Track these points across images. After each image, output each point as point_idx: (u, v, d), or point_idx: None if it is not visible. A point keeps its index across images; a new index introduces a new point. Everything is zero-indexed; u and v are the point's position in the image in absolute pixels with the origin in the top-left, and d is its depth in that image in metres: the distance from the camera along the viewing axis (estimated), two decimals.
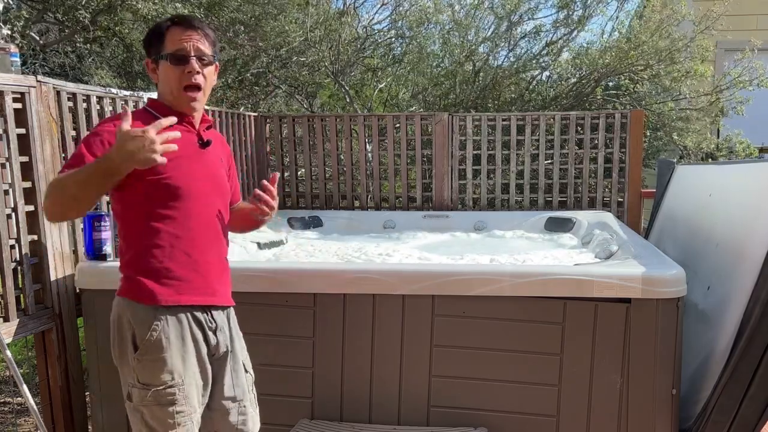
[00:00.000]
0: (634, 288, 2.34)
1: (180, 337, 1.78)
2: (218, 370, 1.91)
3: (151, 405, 1.76)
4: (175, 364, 1.76)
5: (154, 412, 1.76)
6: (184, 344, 1.79)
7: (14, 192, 2.46)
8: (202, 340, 1.84)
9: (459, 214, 4.64)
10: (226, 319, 1.95)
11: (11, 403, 3.70)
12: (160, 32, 1.82)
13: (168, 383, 1.75)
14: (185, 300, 1.80)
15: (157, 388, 1.75)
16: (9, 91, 2.42)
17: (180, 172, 1.79)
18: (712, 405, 2.38)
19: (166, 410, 1.75)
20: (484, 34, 6.61)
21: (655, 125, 6.27)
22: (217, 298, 1.89)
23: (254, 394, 2.04)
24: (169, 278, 1.78)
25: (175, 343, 1.77)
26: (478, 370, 2.52)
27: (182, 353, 1.78)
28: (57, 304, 2.66)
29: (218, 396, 1.91)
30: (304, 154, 5.01)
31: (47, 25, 6.94)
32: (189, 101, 1.83)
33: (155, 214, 1.78)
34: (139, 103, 3.22)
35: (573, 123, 4.68)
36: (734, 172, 3.25)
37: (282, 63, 6.66)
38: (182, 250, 1.80)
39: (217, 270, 1.91)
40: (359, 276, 2.56)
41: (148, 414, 1.77)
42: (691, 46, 6.01)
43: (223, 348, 1.91)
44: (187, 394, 1.78)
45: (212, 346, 1.87)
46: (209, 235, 1.89)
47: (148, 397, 1.75)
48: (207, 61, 1.83)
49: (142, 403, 1.77)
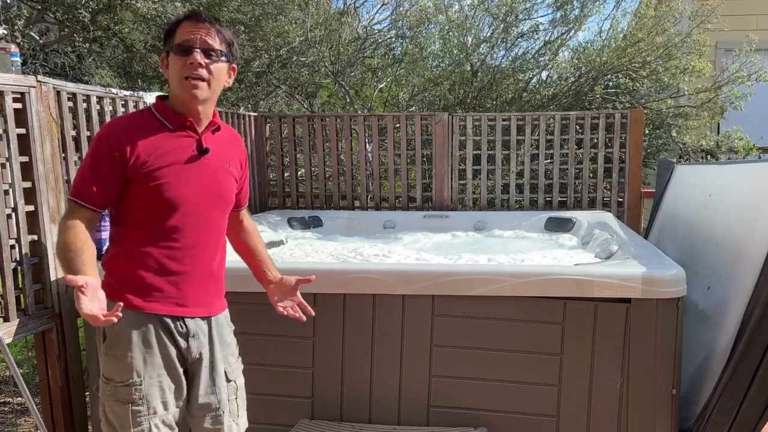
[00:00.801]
0: (634, 288, 2.34)
1: (143, 339, 1.77)
2: (193, 376, 1.89)
3: (110, 400, 1.78)
4: (136, 364, 1.76)
5: (113, 407, 1.78)
6: (148, 346, 1.78)
7: (14, 192, 2.46)
8: (170, 343, 1.81)
9: (459, 214, 4.64)
10: (207, 326, 1.90)
11: (11, 403, 3.70)
12: (173, 27, 1.82)
13: (126, 381, 1.76)
14: (149, 308, 1.78)
15: (116, 384, 1.76)
16: (9, 91, 2.42)
17: (170, 181, 1.77)
18: (712, 405, 2.38)
19: (123, 407, 1.76)
20: (482, 34, 6.61)
21: (654, 123, 6.27)
22: (191, 309, 1.85)
23: (239, 405, 1.99)
24: (140, 285, 1.78)
25: (138, 344, 1.77)
26: (478, 370, 2.52)
27: (144, 354, 1.77)
28: (57, 304, 2.65)
29: (194, 402, 1.89)
30: (304, 154, 5.01)
31: (47, 24, 6.94)
32: (190, 88, 1.77)
33: (141, 222, 1.79)
34: (139, 103, 3.22)
35: (573, 123, 4.68)
36: (734, 172, 3.26)
37: (282, 63, 6.66)
38: (159, 261, 1.79)
39: (200, 281, 1.87)
40: (359, 276, 2.56)
41: (108, 408, 1.79)
42: (687, 42, 6.01)
43: (195, 354, 1.86)
44: (145, 395, 1.77)
45: (183, 350, 1.84)
46: (197, 246, 1.85)
47: (108, 391, 1.78)
48: (215, 56, 1.79)
49: (104, 396, 1.80)
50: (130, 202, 1.79)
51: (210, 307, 1.92)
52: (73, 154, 2.79)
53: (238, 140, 2.08)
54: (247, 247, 2.17)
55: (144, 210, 1.78)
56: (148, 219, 1.79)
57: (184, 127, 1.83)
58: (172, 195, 1.77)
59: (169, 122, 1.82)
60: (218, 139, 1.91)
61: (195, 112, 1.83)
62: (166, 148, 1.79)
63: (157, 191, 1.76)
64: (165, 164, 1.77)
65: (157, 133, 1.80)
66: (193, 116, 1.84)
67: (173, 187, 1.78)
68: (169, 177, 1.77)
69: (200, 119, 1.85)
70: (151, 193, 1.76)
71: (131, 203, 1.79)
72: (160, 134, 1.80)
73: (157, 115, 1.83)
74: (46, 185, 2.59)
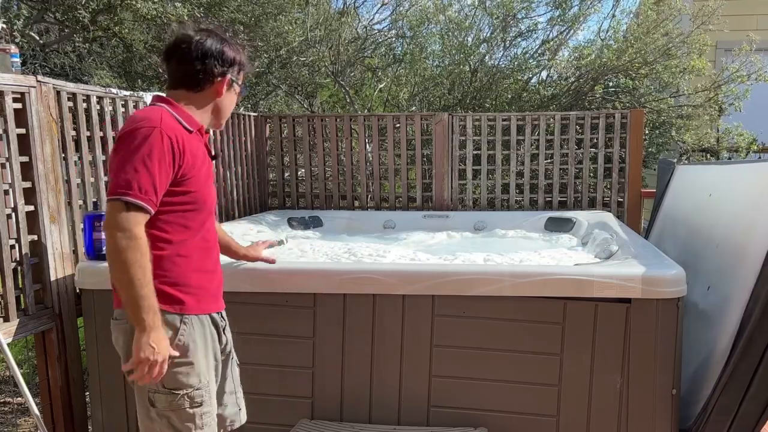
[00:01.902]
0: (634, 288, 2.34)
1: (203, 341, 1.83)
2: (225, 366, 1.99)
3: (179, 409, 1.76)
4: (201, 367, 1.80)
5: (182, 415, 1.77)
6: (206, 347, 1.84)
7: (14, 192, 2.46)
8: (218, 341, 1.91)
9: (459, 214, 4.64)
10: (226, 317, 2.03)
11: (11, 403, 3.70)
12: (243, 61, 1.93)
13: (196, 386, 1.79)
14: (205, 308, 1.86)
15: (187, 391, 1.77)
16: (9, 91, 2.42)
17: (200, 184, 1.83)
18: (712, 405, 2.38)
19: (194, 412, 1.78)
20: (482, 34, 6.61)
21: (655, 123, 6.27)
22: (221, 303, 1.98)
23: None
24: (192, 287, 1.82)
25: (201, 346, 1.81)
26: (478, 370, 2.52)
27: (205, 354, 1.83)
28: (57, 304, 2.66)
29: (226, 390, 2.00)
30: (304, 154, 5.01)
31: (47, 24, 6.93)
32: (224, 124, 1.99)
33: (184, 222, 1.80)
34: (139, 104, 3.21)
35: (573, 123, 4.68)
36: (734, 172, 3.26)
37: (282, 63, 6.66)
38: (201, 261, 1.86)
39: (219, 276, 2.00)
40: (359, 276, 2.56)
41: (176, 417, 1.77)
42: (687, 42, 6.02)
43: (229, 346, 2.01)
44: (211, 394, 1.84)
45: (223, 344, 1.95)
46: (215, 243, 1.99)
47: (175, 402, 1.76)
48: None
49: (170, 408, 1.76)
50: (176, 205, 1.77)
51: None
52: (73, 154, 2.79)
53: None
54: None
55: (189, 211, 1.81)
56: (192, 221, 1.83)
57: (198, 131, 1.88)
58: (204, 196, 1.86)
59: (190, 125, 1.84)
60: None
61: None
62: (198, 151, 1.84)
63: (198, 193, 1.82)
64: (199, 166, 1.83)
65: (188, 135, 1.81)
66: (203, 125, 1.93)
67: (205, 188, 1.86)
68: (202, 179, 1.84)
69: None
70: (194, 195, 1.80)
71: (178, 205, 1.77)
72: (190, 137, 1.82)
73: (179, 118, 1.81)
74: (46, 185, 2.59)
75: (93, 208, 2.81)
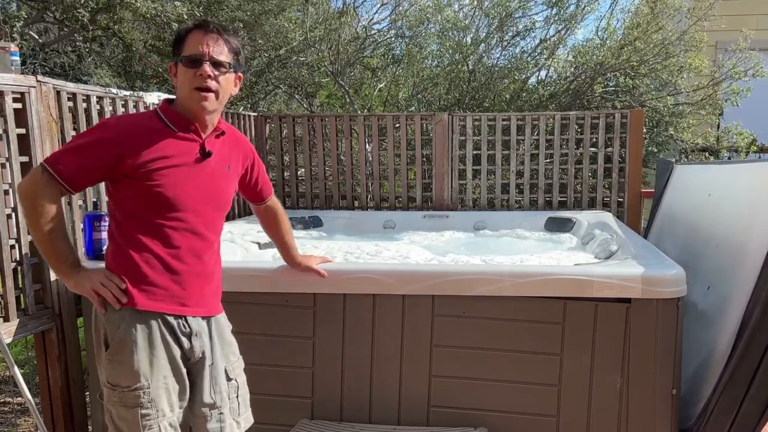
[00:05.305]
0: (634, 288, 2.34)
1: (148, 341, 1.78)
2: (196, 376, 1.90)
3: (117, 405, 1.77)
4: (142, 368, 1.76)
5: (120, 413, 1.78)
6: (152, 348, 1.78)
7: (14, 192, 2.46)
8: (174, 343, 1.82)
9: (459, 214, 4.64)
10: (207, 326, 1.92)
11: (11, 403, 3.70)
12: (182, 36, 1.84)
13: (133, 386, 1.75)
14: (157, 307, 1.80)
15: (123, 390, 1.76)
16: (9, 91, 2.42)
17: (171, 181, 1.79)
18: (712, 405, 2.38)
19: (131, 412, 1.76)
20: (481, 34, 6.61)
21: (653, 121, 6.28)
22: (193, 309, 1.87)
23: (240, 402, 2.01)
24: (145, 284, 1.79)
25: (143, 346, 1.77)
26: (478, 370, 2.52)
27: (150, 357, 1.77)
28: (57, 304, 2.65)
29: (198, 402, 1.90)
30: (304, 153, 5.01)
31: (46, 24, 6.93)
32: (200, 100, 1.81)
33: (142, 220, 1.80)
34: (138, 103, 3.22)
35: (572, 122, 4.68)
36: (733, 172, 3.25)
37: (281, 62, 6.66)
38: (162, 259, 1.81)
39: (200, 281, 1.89)
40: (359, 276, 2.56)
41: (116, 414, 1.79)
42: (684, 39, 6.02)
43: (198, 354, 1.88)
44: (153, 398, 1.77)
45: (186, 350, 1.85)
46: (196, 246, 1.87)
47: (114, 398, 1.77)
48: (223, 68, 1.83)
49: (110, 403, 1.79)
50: (130, 200, 1.79)
51: (210, 307, 1.94)
52: None
53: (240, 141, 2.10)
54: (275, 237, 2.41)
55: (145, 208, 1.79)
56: (150, 217, 1.80)
57: (189, 130, 1.85)
58: (171, 194, 1.80)
59: (175, 125, 1.84)
60: (221, 143, 1.94)
61: (201, 120, 1.87)
62: (170, 150, 1.81)
63: (157, 190, 1.77)
64: (167, 165, 1.79)
65: (161, 134, 1.81)
66: (199, 123, 1.87)
67: (174, 187, 1.80)
68: (169, 177, 1.79)
69: (206, 126, 1.89)
70: (152, 192, 1.77)
71: (132, 201, 1.79)
72: (165, 136, 1.81)
73: (163, 117, 1.84)
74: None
75: (93, 208, 2.82)
